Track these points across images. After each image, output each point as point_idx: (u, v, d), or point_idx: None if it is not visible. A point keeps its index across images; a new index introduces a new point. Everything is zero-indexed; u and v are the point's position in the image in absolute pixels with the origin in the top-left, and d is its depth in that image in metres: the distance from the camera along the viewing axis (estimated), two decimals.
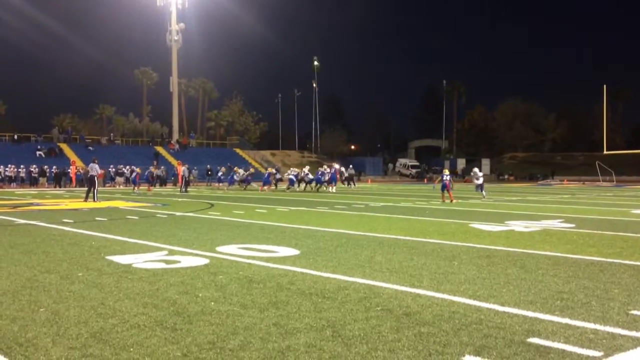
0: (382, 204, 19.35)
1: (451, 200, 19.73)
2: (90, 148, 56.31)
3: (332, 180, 30.85)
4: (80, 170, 44.54)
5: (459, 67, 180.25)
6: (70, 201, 22.04)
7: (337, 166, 34.69)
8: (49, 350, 3.71)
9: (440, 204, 18.76)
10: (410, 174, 70.74)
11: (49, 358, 3.55)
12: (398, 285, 5.64)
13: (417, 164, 77.80)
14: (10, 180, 42.71)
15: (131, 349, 3.72)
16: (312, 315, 4.53)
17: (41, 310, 4.75)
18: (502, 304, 4.88)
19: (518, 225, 11.52)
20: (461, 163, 75.14)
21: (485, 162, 75.59)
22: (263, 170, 58.39)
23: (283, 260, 7.23)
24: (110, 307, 4.82)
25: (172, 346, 3.77)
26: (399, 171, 75.79)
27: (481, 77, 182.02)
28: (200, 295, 5.26)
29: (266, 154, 71.72)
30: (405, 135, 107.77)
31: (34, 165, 44.54)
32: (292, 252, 7.91)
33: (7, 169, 43.22)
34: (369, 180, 55.50)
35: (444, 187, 20.15)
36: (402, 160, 79.79)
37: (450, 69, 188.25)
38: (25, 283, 5.87)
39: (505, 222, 12.34)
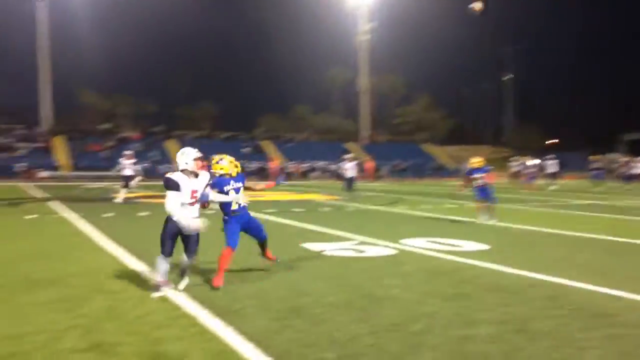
0: (587, 202, 17.86)
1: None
2: (289, 145, 60.80)
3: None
4: (279, 166, 48.33)
5: None
6: (266, 193, 24.08)
7: (533, 161, 32.51)
8: (254, 318, 4.28)
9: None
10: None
11: (254, 325, 4.10)
12: (592, 286, 5.31)
13: None
14: None
15: (324, 324, 4.12)
16: (496, 309, 4.51)
17: (247, 285, 5.44)
18: None
19: None
20: None
21: None
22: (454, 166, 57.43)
23: (470, 254, 7.19)
24: (306, 287, 5.34)
25: (361, 324, 4.09)
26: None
27: None
28: (385, 282, 5.54)
29: (455, 149, 70.30)
30: (617, 128, 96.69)
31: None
32: (480, 246, 7.82)
33: None
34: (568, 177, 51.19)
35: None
36: (611, 156, 72.03)
37: None
38: (232, 265, 6.69)
39: None
